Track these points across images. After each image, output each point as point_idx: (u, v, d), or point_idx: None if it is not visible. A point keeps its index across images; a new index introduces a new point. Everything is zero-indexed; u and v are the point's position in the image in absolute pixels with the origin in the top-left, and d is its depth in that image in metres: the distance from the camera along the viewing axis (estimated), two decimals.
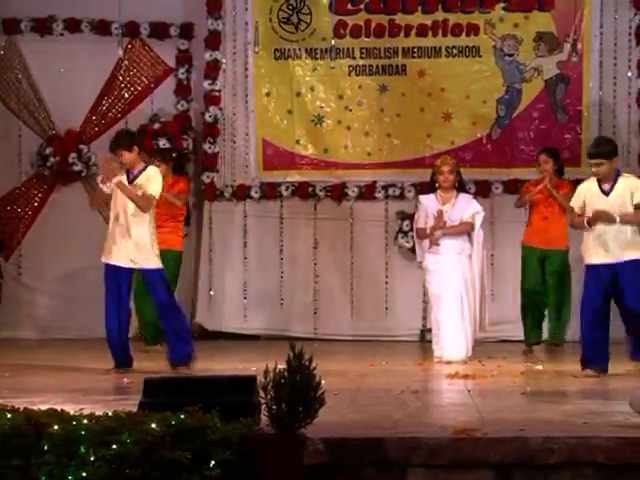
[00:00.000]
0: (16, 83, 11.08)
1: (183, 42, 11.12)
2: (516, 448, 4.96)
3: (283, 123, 11.05)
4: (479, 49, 10.87)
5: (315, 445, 4.88)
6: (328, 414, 4.96)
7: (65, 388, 6.91)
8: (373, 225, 10.93)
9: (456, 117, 10.88)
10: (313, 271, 10.91)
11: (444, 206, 8.82)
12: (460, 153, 10.60)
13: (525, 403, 6.44)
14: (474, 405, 6.25)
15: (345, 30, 10.95)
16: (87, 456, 4.61)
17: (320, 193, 10.92)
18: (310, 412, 4.69)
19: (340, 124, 11.00)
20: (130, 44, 11.02)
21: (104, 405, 5.67)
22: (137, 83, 11.11)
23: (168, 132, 10.78)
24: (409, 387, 6.95)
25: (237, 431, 4.73)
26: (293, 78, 11.02)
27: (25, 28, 11.06)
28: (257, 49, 10.96)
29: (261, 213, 11.03)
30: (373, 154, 10.98)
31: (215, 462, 4.66)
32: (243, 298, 10.99)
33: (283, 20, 11.03)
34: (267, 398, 4.68)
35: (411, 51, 10.92)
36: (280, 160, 11.04)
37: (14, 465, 4.67)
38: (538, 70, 10.85)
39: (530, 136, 10.83)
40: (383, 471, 4.96)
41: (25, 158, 11.13)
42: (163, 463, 4.62)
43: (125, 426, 4.69)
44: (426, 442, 4.97)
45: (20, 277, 11.11)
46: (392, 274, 10.84)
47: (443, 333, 8.73)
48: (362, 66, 10.98)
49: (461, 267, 8.76)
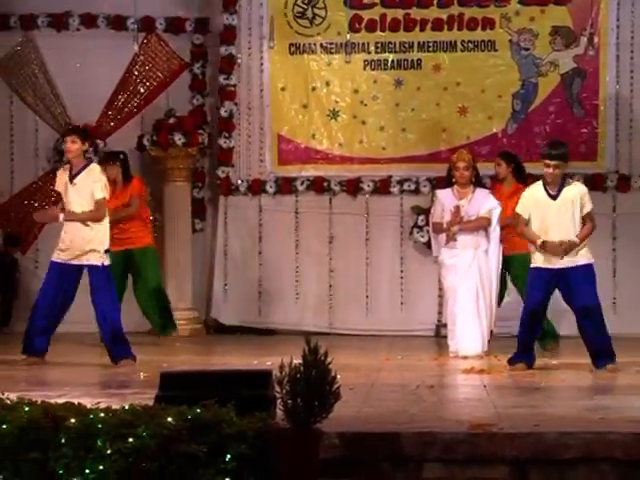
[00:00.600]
0: (33, 78, 11.12)
1: (198, 37, 11.14)
2: (532, 443, 4.96)
3: (298, 118, 11.05)
4: (495, 43, 10.85)
5: (330, 439, 4.88)
6: (343, 409, 4.96)
7: (82, 382, 6.94)
8: (388, 220, 10.92)
9: (472, 111, 10.86)
10: (328, 266, 10.91)
11: (461, 201, 8.81)
12: (476, 148, 10.57)
13: (541, 398, 6.44)
14: (490, 400, 6.24)
15: (360, 24, 10.94)
16: (104, 449, 4.63)
17: (335, 188, 10.92)
18: (325, 406, 4.70)
19: (355, 119, 10.99)
20: (146, 39, 11.04)
21: (120, 399, 5.69)
22: (152, 78, 11.12)
23: (183, 127, 10.79)
24: (425, 382, 6.95)
25: (253, 425, 4.74)
26: (308, 73, 11.02)
27: (42, 24, 11.09)
28: (272, 44, 10.97)
29: (276, 208, 11.04)
30: (388, 148, 10.97)
31: (231, 456, 4.67)
32: (258, 292, 11.00)
33: (298, 15, 11.03)
34: (283, 392, 4.69)
35: (427, 45, 10.90)
36: (295, 155, 11.05)
37: (32, 458, 4.69)
38: (554, 64, 10.82)
39: (546, 130, 10.80)
40: (399, 466, 4.96)
41: (41, 153, 11.17)
42: (179, 457, 4.63)
43: (141, 420, 4.70)
44: (442, 437, 4.97)
45: (37, 271, 11.14)
46: (407, 269, 10.83)
47: (458, 328, 8.73)
48: (377, 60, 10.97)
49: (477, 262, 8.75)
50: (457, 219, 8.73)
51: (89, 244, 8.09)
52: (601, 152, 10.73)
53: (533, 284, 7.84)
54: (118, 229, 9.52)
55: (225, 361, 8.35)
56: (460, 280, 8.72)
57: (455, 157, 8.99)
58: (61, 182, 8.27)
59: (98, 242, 8.10)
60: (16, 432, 4.71)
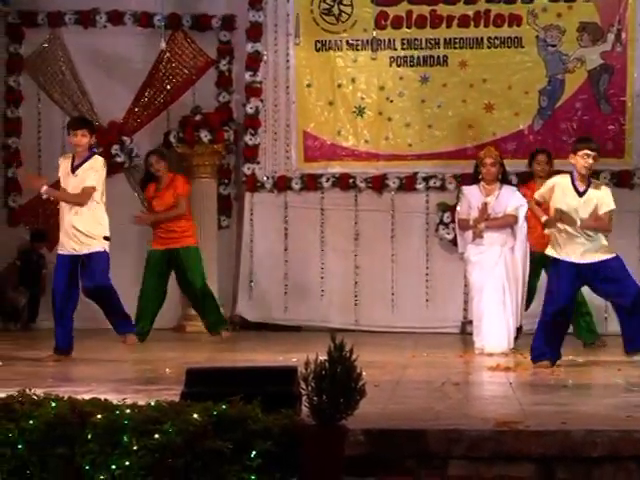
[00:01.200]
0: (60, 75, 11.17)
1: (225, 34, 11.15)
2: (558, 441, 4.94)
3: (324, 114, 11.05)
4: (521, 40, 10.81)
5: (356, 436, 4.88)
6: (369, 405, 4.95)
7: (108, 378, 6.97)
8: (414, 217, 10.91)
9: (498, 108, 10.82)
10: (354, 262, 10.91)
11: (487, 198, 8.79)
12: (502, 144, 10.54)
13: (567, 396, 6.41)
14: (515, 398, 6.23)
15: (386, 21, 10.93)
16: (130, 445, 4.64)
17: (361, 184, 10.91)
18: (351, 403, 4.69)
19: (381, 115, 10.98)
20: (172, 36, 11.07)
21: (146, 395, 5.71)
22: (179, 75, 11.16)
23: (209, 124, 10.81)
24: (450, 379, 6.94)
25: (278, 422, 4.75)
26: (334, 69, 11.02)
27: (69, 21, 11.14)
28: (298, 41, 10.97)
29: (302, 204, 11.04)
30: (414, 145, 10.95)
31: (256, 452, 4.67)
32: (284, 289, 11.01)
33: (324, 11, 11.03)
34: (308, 389, 4.69)
35: (453, 42, 10.88)
36: (321, 151, 11.05)
37: (58, 453, 4.71)
38: (581, 60, 10.77)
39: (573, 127, 10.76)
40: (424, 463, 4.95)
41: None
42: (205, 453, 4.64)
43: (167, 416, 4.72)
44: (467, 434, 4.96)
45: None
46: (433, 266, 10.81)
47: (484, 325, 8.71)
48: (403, 57, 10.95)
49: (503, 259, 8.73)
50: (484, 216, 8.71)
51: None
52: (628, 149, 10.68)
53: (562, 277, 7.76)
54: (162, 228, 9.59)
55: (250, 358, 8.36)
56: (486, 277, 8.70)
57: (482, 153, 8.96)
58: (63, 170, 8.27)
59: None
60: (43, 428, 4.74)
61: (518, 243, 8.80)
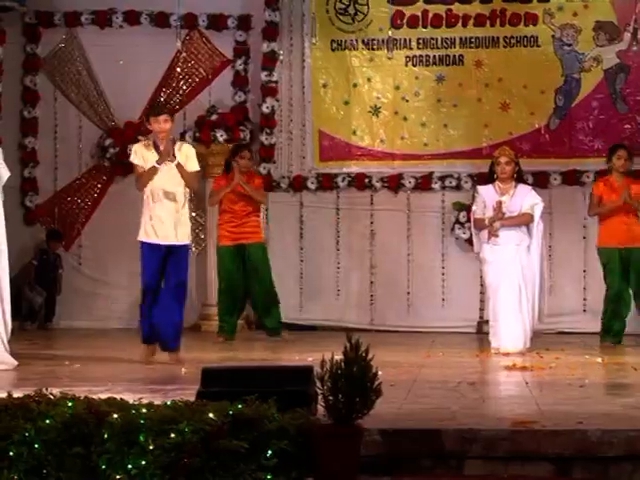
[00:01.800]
0: (76, 75, 11.21)
1: (241, 34, 11.17)
2: (575, 441, 4.92)
3: (340, 114, 11.05)
4: (537, 39, 10.79)
5: (372, 436, 4.88)
6: (385, 405, 4.95)
7: (124, 377, 6.98)
8: (429, 216, 10.90)
9: (514, 107, 10.81)
10: (369, 262, 10.91)
11: (503, 197, 8.77)
12: (518, 144, 10.53)
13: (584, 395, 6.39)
14: (532, 397, 6.21)
15: (402, 21, 10.93)
16: (146, 445, 4.65)
17: (376, 184, 10.91)
18: (367, 403, 4.69)
19: (397, 115, 10.98)
20: (188, 36, 11.10)
21: (162, 394, 5.72)
22: (195, 75, 11.18)
23: (225, 123, 10.83)
24: (466, 379, 6.93)
25: (294, 421, 4.75)
26: (350, 69, 11.02)
27: (85, 21, 11.18)
28: (314, 40, 10.98)
29: (317, 204, 11.05)
30: (430, 145, 10.95)
31: (272, 452, 4.67)
32: (299, 289, 11.01)
33: (340, 11, 11.03)
34: (324, 389, 4.69)
35: (469, 41, 10.86)
36: (337, 151, 11.05)
37: (75, 453, 4.72)
38: (597, 60, 10.74)
39: (589, 126, 10.73)
40: (440, 462, 4.94)
41: (85, 149, 11.26)
42: (221, 452, 4.65)
43: (183, 415, 4.72)
44: (484, 434, 4.95)
45: (80, 267, 11.24)
46: (449, 265, 10.80)
47: (501, 324, 8.69)
48: (419, 57, 10.95)
49: (519, 258, 8.71)
50: (499, 215, 8.69)
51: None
52: None
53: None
54: (235, 223, 9.54)
55: (266, 357, 8.36)
56: (502, 276, 8.68)
57: (497, 152, 8.96)
58: (149, 156, 7.82)
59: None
60: (60, 427, 4.75)
61: (534, 241, 8.78)
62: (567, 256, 10.34)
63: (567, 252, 10.37)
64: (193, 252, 11.12)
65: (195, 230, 11.11)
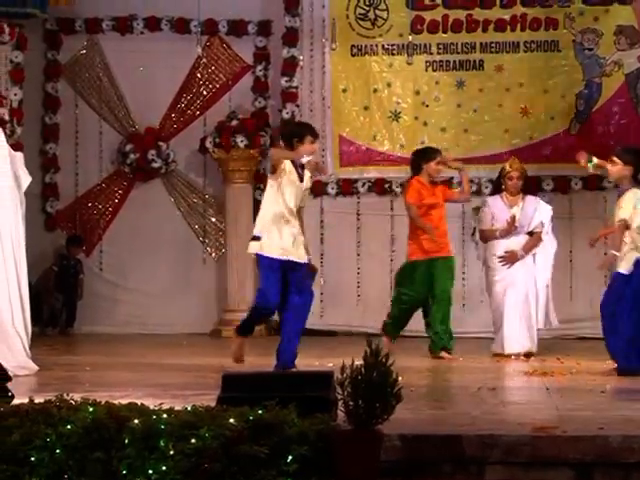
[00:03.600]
0: (97, 81, 11.25)
1: (261, 39, 11.18)
2: (596, 446, 4.91)
3: (360, 119, 11.05)
4: (558, 43, 10.76)
5: (392, 441, 4.87)
6: (405, 410, 4.95)
7: (145, 383, 7.00)
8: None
9: (534, 112, 10.78)
10: (390, 267, 10.88)
11: (512, 209, 8.85)
12: (538, 148, 10.50)
13: (605, 401, 6.37)
14: (552, 403, 6.20)
15: (422, 26, 10.92)
16: (167, 450, 4.66)
17: (397, 189, 10.89)
18: (387, 408, 4.69)
19: (417, 120, 10.97)
20: (208, 42, 11.12)
21: (183, 400, 5.73)
22: (215, 80, 11.20)
23: (246, 129, 10.84)
24: (486, 384, 6.92)
25: (314, 427, 4.75)
26: (370, 74, 11.02)
27: (106, 27, 11.21)
28: (334, 46, 10.98)
29: (338, 209, 11.05)
30: (450, 150, 10.89)
31: (292, 457, 4.68)
32: (320, 294, 10.98)
33: (360, 16, 11.03)
34: (344, 394, 4.69)
35: (489, 46, 10.85)
36: (357, 156, 11.05)
37: (96, 457, 4.74)
38: (618, 64, 10.71)
39: (610, 131, 10.70)
40: (460, 468, 4.94)
41: (106, 155, 11.29)
42: (241, 458, 4.66)
43: (204, 421, 4.73)
44: (504, 439, 4.94)
45: (101, 273, 11.27)
46: (469, 270, 10.76)
47: (505, 329, 8.78)
48: (439, 62, 10.94)
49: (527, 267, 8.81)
50: (512, 229, 8.76)
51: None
52: None
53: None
54: (429, 237, 8.93)
55: None
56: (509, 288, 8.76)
57: (508, 165, 9.03)
58: (291, 174, 7.98)
59: None
60: (81, 432, 4.76)
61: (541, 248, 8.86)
62: (588, 261, 10.29)
63: (587, 257, 10.32)
64: (213, 258, 11.16)
65: (215, 236, 11.15)
